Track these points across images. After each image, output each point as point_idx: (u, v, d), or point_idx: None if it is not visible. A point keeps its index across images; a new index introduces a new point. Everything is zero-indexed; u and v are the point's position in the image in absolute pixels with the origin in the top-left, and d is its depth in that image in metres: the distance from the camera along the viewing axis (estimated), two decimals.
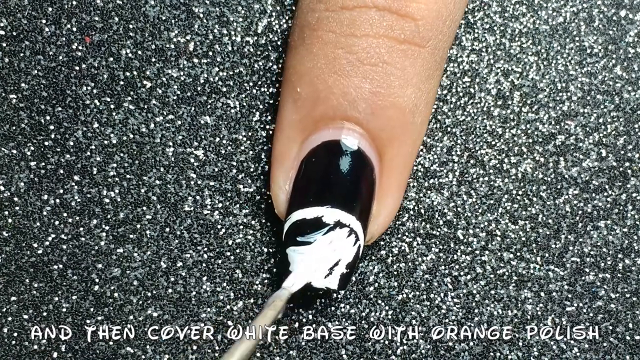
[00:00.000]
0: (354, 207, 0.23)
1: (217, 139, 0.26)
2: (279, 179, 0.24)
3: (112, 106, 0.26)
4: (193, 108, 0.26)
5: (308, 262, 0.23)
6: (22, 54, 0.26)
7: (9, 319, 0.25)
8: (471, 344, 0.25)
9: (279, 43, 0.26)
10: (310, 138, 0.23)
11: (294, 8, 0.26)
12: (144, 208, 0.25)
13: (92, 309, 0.25)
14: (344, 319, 0.25)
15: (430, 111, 0.25)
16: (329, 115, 0.23)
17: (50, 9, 0.26)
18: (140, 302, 0.25)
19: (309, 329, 0.25)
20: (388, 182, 0.24)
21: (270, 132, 0.26)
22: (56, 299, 0.25)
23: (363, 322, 0.25)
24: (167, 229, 0.25)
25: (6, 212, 0.25)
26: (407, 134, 0.24)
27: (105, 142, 0.26)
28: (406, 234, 0.26)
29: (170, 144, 0.26)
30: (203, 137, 0.26)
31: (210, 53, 0.26)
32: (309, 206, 0.23)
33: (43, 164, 0.25)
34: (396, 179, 0.24)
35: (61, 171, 0.25)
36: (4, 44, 0.26)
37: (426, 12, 0.23)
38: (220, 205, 0.26)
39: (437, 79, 0.24)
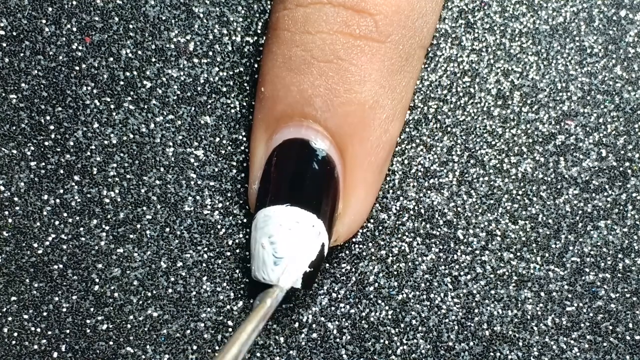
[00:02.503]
0: (313, 205, 0.23)
1: (217, 139, 0.26)
2: (251, 178, 0.24)
3: (112, 106, 0.26)
4: (193, 108, 0.26)
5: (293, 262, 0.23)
6: (22, 54, 0.26)
7: (9, 319, 0.25)
8: (471, 344, 0.25)
9: None
10: (274, 137, 0.23)
11: None
12: (144, 208, 0.25)
13: (92, 309, 0.25)
14: (344, 319, 0.25)
15: (404, 107, 0.24)
16: (288, 113, 0.23)
17: (50, 9, 0.26)
18: (140, 302, 0.25)
19: (309, 329, 0.25)
20: (352, 180, 0.23)
21: None
22: (56, 299, 0.25)
23: (363, 322, 0.25)
24: (167, 229, 0.25)
25: (6, 212, 0.25)
26: (369, 130, 0.23)
27: (105, 142, 0.26)
28: (406, 234, 0.26)
29: (170, 144, 0.26)
30: (203, 137, 0.26)
31: (210, 53, 0.26)
32: (271, 205, 0.23)
33: (43, 164, 0.26)
34: (361, 176, 0.24)
35: (61, 171, 0.25)
36: (4, 44, 0.26)
37: (384, 6, 0.22)
38: (220, 205, 0.26)
39: (406, 75, 0.24)
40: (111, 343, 0.25)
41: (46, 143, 0.26)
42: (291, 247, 0.23)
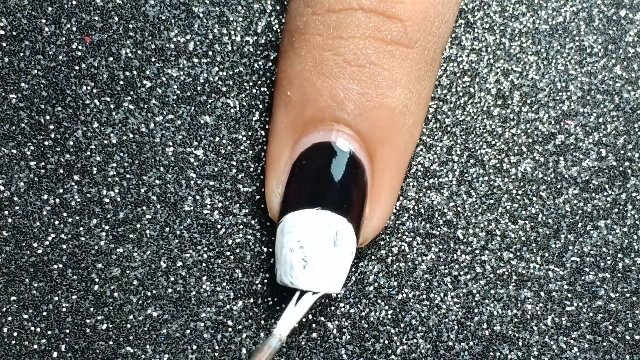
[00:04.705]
0: (344, 209, 0.23)
1: (217, 139, 0.26)
2: (272, 183, 0.24)
3: (112, 106, 0.26)
4: (193, 108, 0.26)
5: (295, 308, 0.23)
6: (22, 54, 0.26)
7: (9, 319, 0.25)
8: (471, 344, 0.26)
9: (279, 43, 0.26)
10: (302, 141, 0.23)
11: None
12: (144, 208, 0.25)
13: (92, 309, 0.25)
14: (344, 319, 0.25)
15: (425, 113, 0.24)
16: (318, 117, 0.23)
17: (50, 9, 0.26)
18: (140, 302, 0.25)
19: (309, 329, 0.25)
20: (380, 184, 0.24)
21: None
22: (56, 299, 0.25)
23: (363, 322, 0.25)
24: (167, 229, 0.25)
25: (6, 212, 0.25)
26: (398, 135, 0.23)
27: (105, 142, 0.26)
28: (406, 234, 0.26)
29: (170, 144, 0.26)
30: (203, 137, 0.26)
31: (210, 53, 0.26)
32: (299, 209, 0.23)
33: (43, 164, 0.26)
34: (389, 181, 0.24)
35: (61, 171, 0.26)
36: (4, 44, 0.26)
37: (413, 13, 0.22)
38: (220, 205, 0.26)
39: (429, 81, 0.24)
40: (111, 343, 0.25)
41: (46, 143, 0.26)
42: (322, 251, 0.23)
